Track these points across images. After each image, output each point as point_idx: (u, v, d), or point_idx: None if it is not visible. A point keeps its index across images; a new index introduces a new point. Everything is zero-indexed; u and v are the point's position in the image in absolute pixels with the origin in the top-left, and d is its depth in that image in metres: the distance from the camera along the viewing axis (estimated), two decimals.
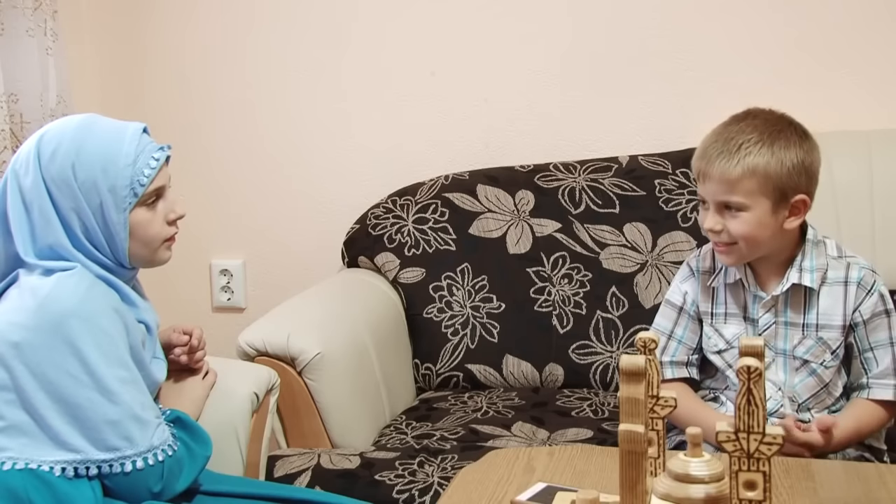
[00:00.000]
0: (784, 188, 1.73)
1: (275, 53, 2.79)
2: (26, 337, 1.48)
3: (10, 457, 1.47)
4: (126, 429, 1.49)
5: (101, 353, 1.48)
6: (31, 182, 1.54)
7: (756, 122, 1.76)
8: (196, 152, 2.81)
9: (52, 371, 1.47)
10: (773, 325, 1.81)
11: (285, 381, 2.03)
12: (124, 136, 1.57)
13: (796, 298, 1.80)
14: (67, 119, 1.61)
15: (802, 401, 1.81)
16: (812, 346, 1.80)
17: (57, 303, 1.49)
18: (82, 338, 1.47)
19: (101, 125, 1.59)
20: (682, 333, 1.89)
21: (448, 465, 1.96)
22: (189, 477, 1.58)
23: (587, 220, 2.47)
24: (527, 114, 2.68)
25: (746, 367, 1.11)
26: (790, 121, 1.78)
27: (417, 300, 2.45)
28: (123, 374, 1.51)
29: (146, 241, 1.60)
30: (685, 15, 2.58)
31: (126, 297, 1.59)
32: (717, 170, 1.74)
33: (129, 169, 1.55)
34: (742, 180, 1.72)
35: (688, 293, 1.89)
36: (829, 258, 1.81)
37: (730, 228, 1.76)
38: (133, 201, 1.56)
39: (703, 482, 1.13)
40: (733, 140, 1.74)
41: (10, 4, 2.35)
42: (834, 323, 1.79)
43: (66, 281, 1.51)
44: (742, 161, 1.72)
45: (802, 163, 1.74)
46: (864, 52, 2.50)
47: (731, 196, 1.74)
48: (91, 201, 1.54)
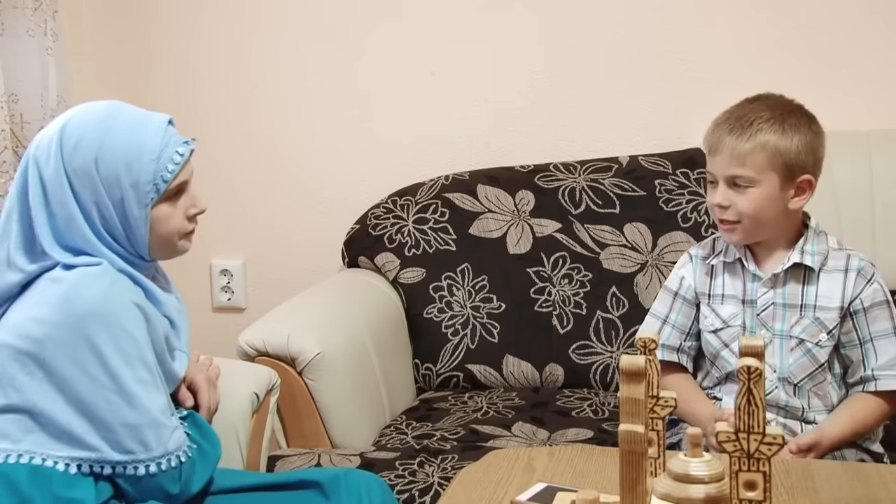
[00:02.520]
0: (792, 165, 1.77)
1: (274, 54, 2.79)
2: (48, 333, 1.46)
3: (24, 450, 1.46)
4: (142, 433, 1.47)
5: (121, 354, 1.46)
6: (53, 173, 1.51)
7: (769, 103, 1.81)
8: (196, 152, 2.79)
9: (72, 369, 1.46)
10: (771, 305, 1.83)
11: (285, 382, 2.03)
12: (148, 128, 1.54)
13: (795, 279, 1.82)
14: (90, 106, 1.57)
15: (797, 381, 1.82)
16: (808, 326, 1.81)
17: (79, 300, 1.47)
18: (102, 337, 1.46)
19: (126, 116, 1.55)
20: (676, 318, 1.91)
21: (448, 465, 1.96)
22: (202, 478, 1.57)
23: (587, 220, 2.47)
24: (527, 114, 2.68)
25: (746, 368, 1.11)
26: (800, 106, 1.83)
27: (417, 300, 2.45)
28: (144, 376, 1.49)
29: (166, 236, 1.57)
30: (685, 15, 2.58)
31: (150, 293, 1.56)
32: (728, 144, 1.78)
33: (152, 164, 1.52)
34: (753, 154, 1.76)
35: (685, 277, 1.92)
36: (830, 248, 1.84)
37: (737, 205, 1.79)
38: (155, 197, 1.53)
39: (703, 482, 1.13)
40: (746, 117, 1.79)
41: (10, 4, 2.35)
42: (832, 305, 1.81)
43: (88, 277, 1.49)
44: (754, 136, 1.76)
45: (810, 144, 1.78)
46: (864, 52, 2.50)
47: (741, 170, 1.77)
48: (112, 195, 1.51)
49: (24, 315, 1.50)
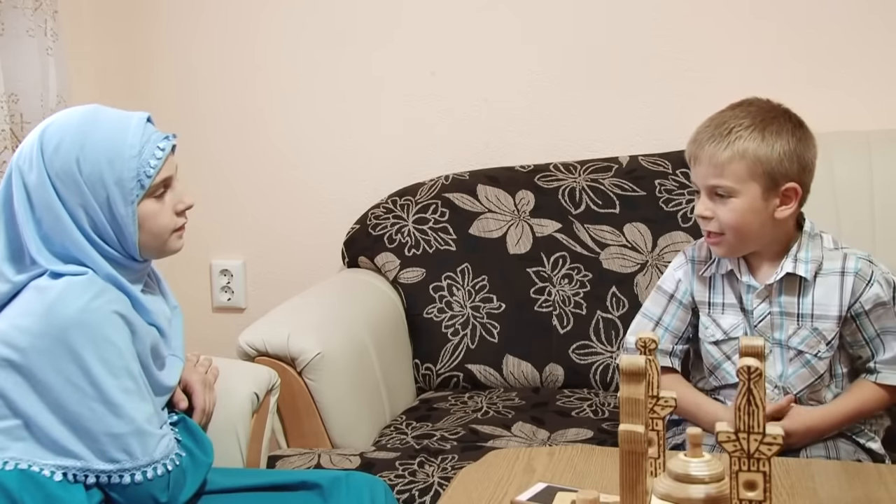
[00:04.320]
0: (774, 174, 1.72)
1: (274, 54, 2.79)
2: (32, 342, 1.46)
3: (10, 457, 1.46)
4: (127, 442, 1.47)
5: (104, 364, 1.46)
6: (36, 178, 1.51)
7: (751, 109, 1.76)
8: (196, 152, 2.81)
9: (56, 378, 1.45)
10: (767, 315, 1.80)
11: (285, 382, 2.03)
12: (128, 126, 1.54)
13: (790, 288, 1.79)
14: (69, 111, 1.58)
15: (797, 392, 1.80)
16: (807, 337, 1.79)
17: (63, 310, 1.47)
18: (86, 348, 1.45)
19: (105, 116, 1.56)
20: (670, 321, 1.88)
21: (448, 465, 1.96)
22: (193, 486, 1.57)
23: (587, 220, 2.47)
24: (527, 114, 2.68)
25: (746, 368, 1.11)
26: (786, 111, 1.78)
27: (417, 300, 2.45)
28: (128, 385, 1.49)
29: (156, 233, 1.57)
30: (685, 15, 2.58)
31: (136, 302, 1.56)
32: (706, 153, 1.74)
33: (134, 160, 1.52)
34: (731, 163, 1.72)
35: (681, 280, 1.88)
36: (825, 250, 1.80)
37: (719, 216, 1.75)
38: (140, 193, 1.53)
39: (703, 482, 1.13)
40: (725, 124, 1.75)
41: (10, 4, 2.35)
42: (830, 314, 1.78)
43: (73, 287, 1.48)
44: (731, 144, 1.72)
45: (794, 150, 1.73)
46: (864, 52, 2.50)
47: (720, 180, 1.73)
48: (98, 195, 1.51)
49: (10, 323, 1.50)
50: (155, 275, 1.69)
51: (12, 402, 1.47)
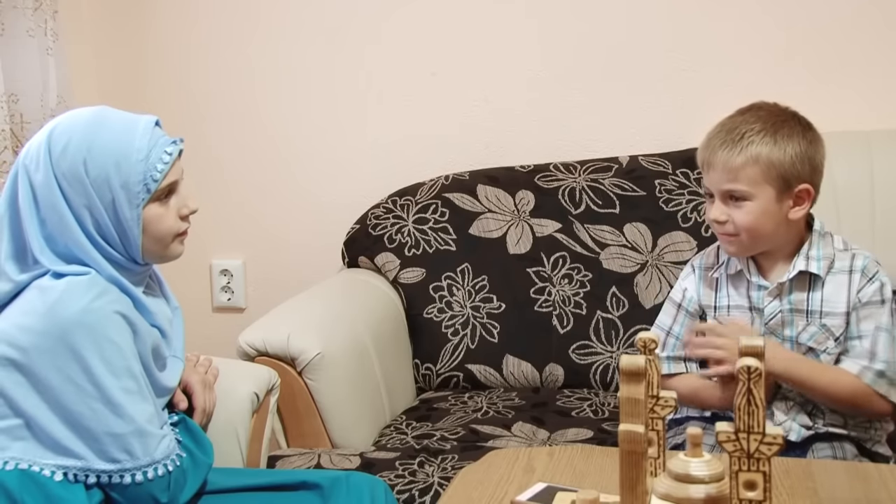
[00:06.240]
0: (787, 176, 1.75)
1: (275, 54, 2.79)
2: (33, 342, 1.46)
3: (10, 457, 1.46)
4: (128, 442, 1.47)
5: (105, 364, 1.46)
6: (42, 178, 1.51)
7: (760, 114, 1.78)
8: (196, 153, 2.79)
9: (57, 378, 1.45)
10: (779, 313, 1.81)
11: (285, 382, 2.03)
12: (136, 130, 1.54)
13: (801, 286, 1.81)
14: (78, 112, 1.57)
15: None
16: (816, 333, 1.80)
17: (64, 309, 1.46)
18: (87, 347, 1.45)
19: (113, 118, 1.55)
20: (679, 330, 1.90)
21: (448, 465, 1.96)
22: (193, 486, 1.57)
23: (587, 220, 2.47)
24: (527, 114, 2.68)
25: (746, 368, 1.11)
26: (794, 113, 1.80)
27: (417, 300, 2.45)
28: (129, 385, 1.48)
29: (159, 237, 1.57)
30: (685, 15, 2.58)
31: (138, 303, 1.56)
32: (720, 159, 1.76)
33: (141, 164, 1.51)
34: (745, 168, 1.74)
35: (687, 289, 1.90)
36: (835, 250, 1.82)
37: (735, 219, 1.77)
38: (146, 197, 1.53)
39: (703, 482, 1.13)
40: (737, 130, 1.76)
41: (10, 4, 2.35)
42: (838, 310, 1.80)
43: (75, 287, 1.48)
44: (745, 149, 1.74)
45: (805, 153, 1.76)
46: (864, 52, 2.50)
47: (735, 184, 1.75)
48: (103, 197, 1.51)
49: (12, 322, 1.50)
50: (156, 277, 1.69)
51: (13, 402, 1.47)
